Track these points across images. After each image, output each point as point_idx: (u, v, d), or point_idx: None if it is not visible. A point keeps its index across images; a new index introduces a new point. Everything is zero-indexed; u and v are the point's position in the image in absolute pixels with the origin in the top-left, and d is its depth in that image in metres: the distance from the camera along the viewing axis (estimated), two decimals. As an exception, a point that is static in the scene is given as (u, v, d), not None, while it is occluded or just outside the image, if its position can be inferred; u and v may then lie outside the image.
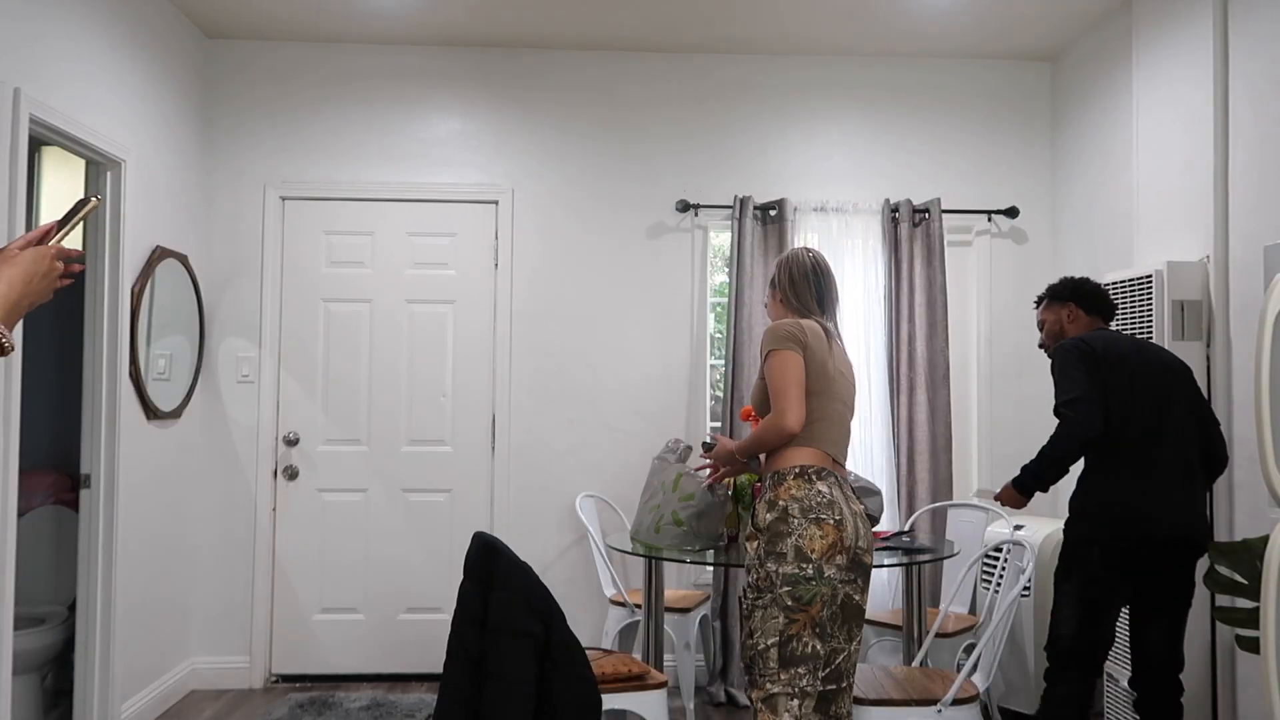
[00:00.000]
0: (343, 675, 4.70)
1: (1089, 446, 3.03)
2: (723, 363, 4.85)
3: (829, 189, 4.84)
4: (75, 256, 1.58)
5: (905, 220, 4.71)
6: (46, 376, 4.49)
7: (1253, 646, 2.87)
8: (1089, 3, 4.27)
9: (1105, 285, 3.98)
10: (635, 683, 3.12)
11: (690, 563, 3.43)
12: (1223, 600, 3.35)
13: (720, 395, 4.85)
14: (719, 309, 4.96)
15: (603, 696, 2.66)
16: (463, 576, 2.56)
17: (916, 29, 4.56)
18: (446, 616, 4.55)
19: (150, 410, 4.11)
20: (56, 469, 4.42)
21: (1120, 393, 3.02)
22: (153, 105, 4.18)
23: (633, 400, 4.78)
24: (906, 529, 4.33)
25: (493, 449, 4.77)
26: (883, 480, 4.59)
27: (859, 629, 2.62)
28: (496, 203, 4.81)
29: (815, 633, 2.52)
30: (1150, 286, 3.68)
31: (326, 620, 4.71)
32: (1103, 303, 3.31)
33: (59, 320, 4.49)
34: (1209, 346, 3.62)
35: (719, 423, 4.84)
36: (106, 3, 3.77)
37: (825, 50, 4.85)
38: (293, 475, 4.72)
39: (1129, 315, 3.80)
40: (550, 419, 4.78)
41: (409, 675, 4.71)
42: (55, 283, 1.54)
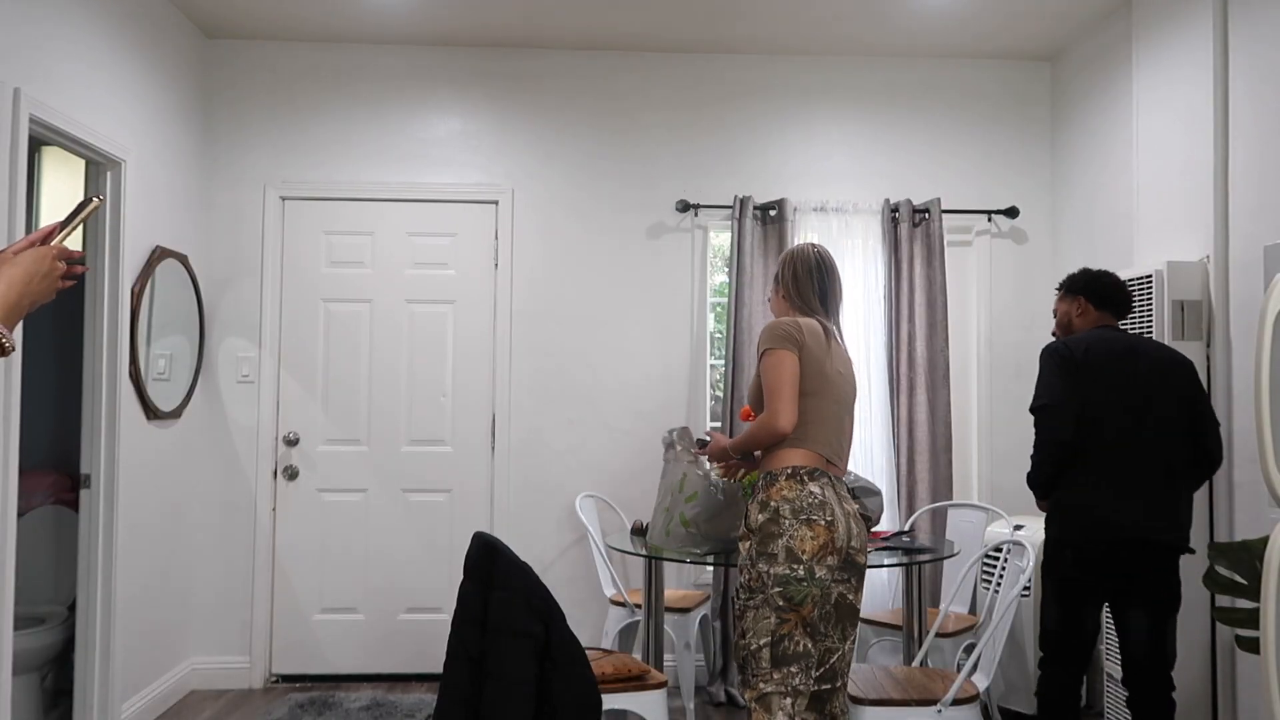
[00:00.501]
0: (343, 675, 4.70)
1: (1062, 450, 3.10)
2: (723, 363, 4.85)
3: (829, 189, 4.84)
4: (77, 257, 1.59)
5: (905, 220, 4.71)
6: (46, 376, 4.49)
7: (1253, 646, 2.87)
8: (1089, 3, 4.27)
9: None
10: (635, 683, 3.12)
11: (690, 563, 3.43)
12: (1223, 600, 3.35)
13: (720, 395, 4.85)
14: (719, 309, 4.96)
15: (603, 696, 2.66)
16: (463, 576, 2.56)
17: (916, 29, 4.56)
18: (446, 616, 4.55)
19: (150, 410, 4.11)
20: (56, 469, 4.42)
21: (1095, 398, 3.08)
22: (153, 105, 4.18)
23: (633, 400, 4.78)
24: (906, 529, 4.33)
25: (492, 449, 4.77)
26: (883, 480, 4.59)
27: (853, 628, 2.63)
28: (496, 203, 4.81)
29: (806, 632, 2.52)
30: (1150, 286, 3.68)
31: (326, 620, 4.71)
32: (1116, 297, 3.30)
33: (59, 320, 4.49)
34: (1209, 346, 3.62)
35: (719, 422, 4.84)
36: (106, 3, 3.77)
37: (825, 50, 4.85)
38: (293, 475, 4.72)
39: (1129, 315, 3.80)
40: (550, 419, 4.78)
41: (409, 675, 4.72)
42: (56, 283, 1.54)
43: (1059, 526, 3.15)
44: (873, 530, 3.69)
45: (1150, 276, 3.68)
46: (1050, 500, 3.20)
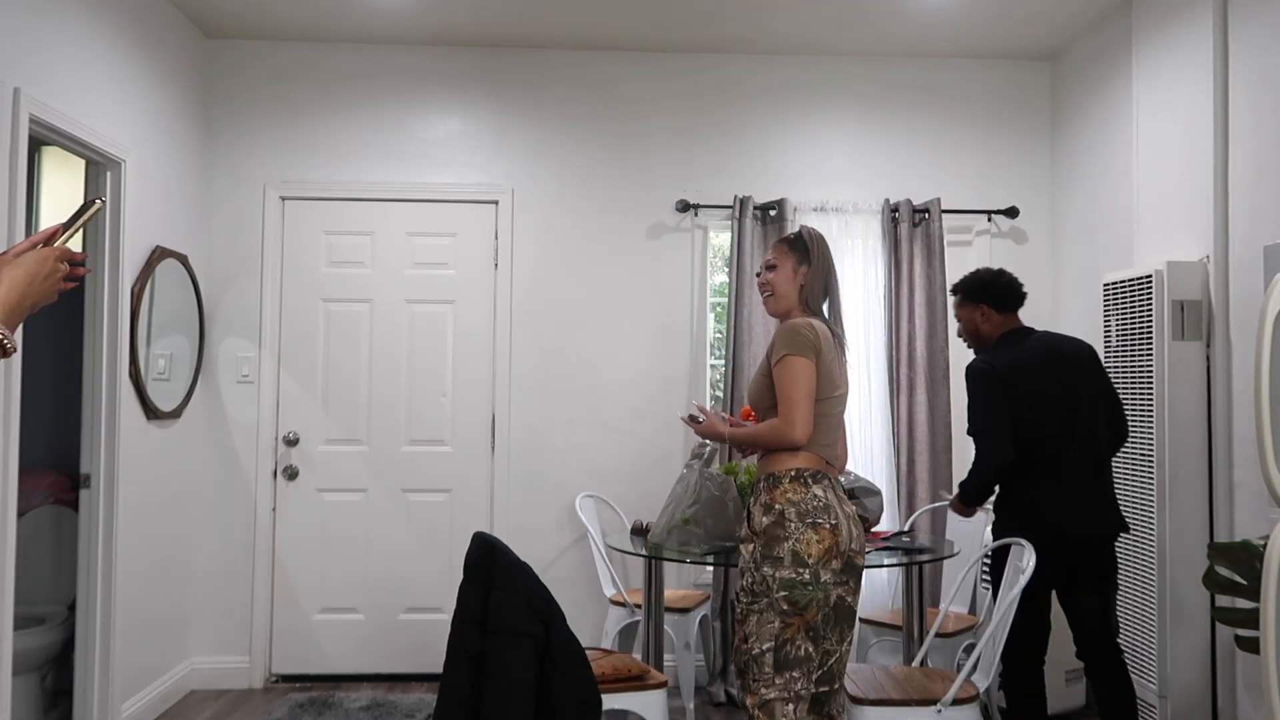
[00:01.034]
0: (343, 675, 4.70)
1: (1004, 473, 3.31)
2: (723, 363, 4.85)
3: (829, 189, 4.83)
4: (79, 259, 1.59)
5: (905, 220, 4.71)
6: (46, 376, 4.48)
7: (1252, 647, 2.87)
8: (1089, 3, 4.27)
9: (1105, 285, 3.98)
10: (635, 683, 3.12)
11: (690, 563, 3.42)
12: (1223, 600, 3.35)
13: (720, 395, 4.85)
14: (719, 309, 4.96)
15: (603, 696, 2.66)
16: (463, 576, 2.56)
17: (916, 29, 4.56)
18: (446, 616, 4.53)
19: (150, 410, 4.11)
20: (56, 469, 4.41)
21: (1029, 413, 3.27)
22: (153, 105, 4.18)
23: (633, 400, 4.78)
24: (906, 529, 4.33)
25: (492, 449, 4.77)
26: (883, 480, 4.59)
27: (850, 629, 2.62)
28: (496, 203, 4.81)
29: (809, 636, 2.51)
30: (1150, 286, 3.68)
31: (326, 620, 4.71)
32: (1015, 297, 3.48)
33: (59, 320, 4.49)
34: (1209, 346, 3.62)
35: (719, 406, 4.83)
36: (106, 3, 3.77)
37: (825, 50, 4.85)
38: (293, 475, 4.72)
39: (1129, 315, 3.80)
40: (550, 419, 4.78)
41: (409, 675, 4.71)
42: (58, 284, 1.54)
43: (1012, 530, 3.30)
44: (873, 530, 3.69)
45: (1150, 276, 3.68)
46: (997, 506, 3.41)
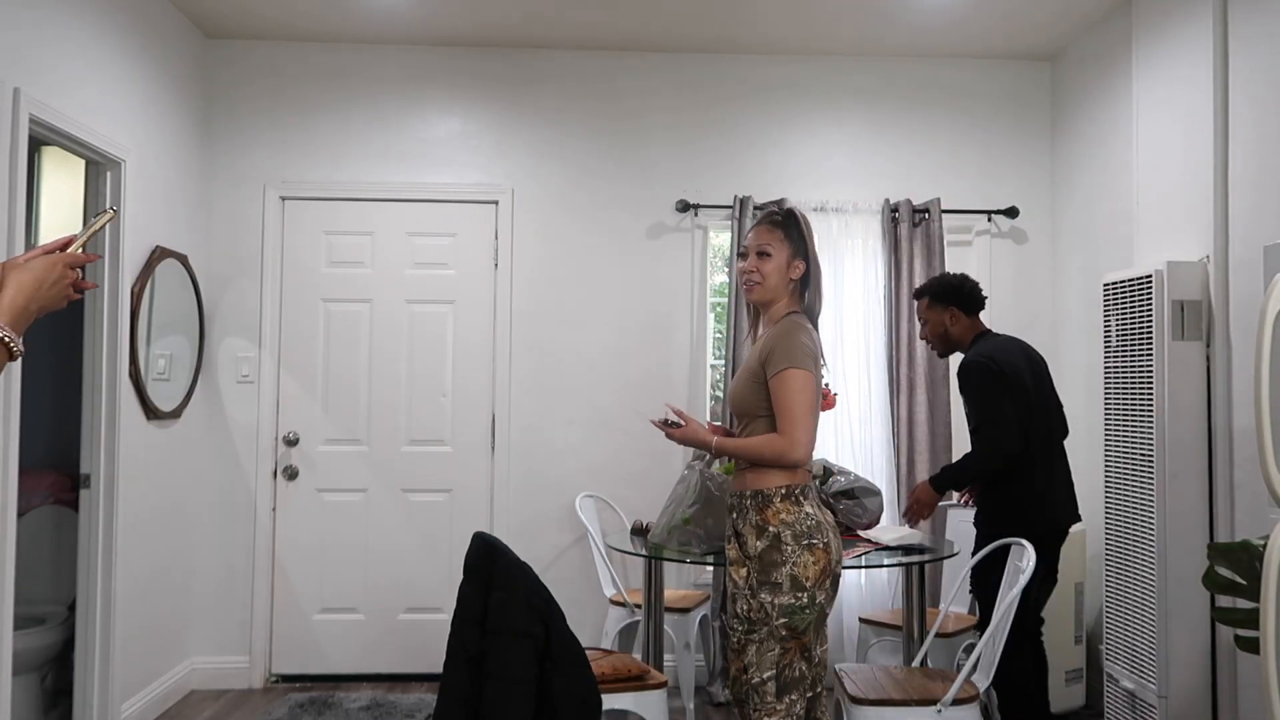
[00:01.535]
0: (343, 675, 4.70)
1: (1010, 461, 3.48)
2: (722, 363, 4.85)
3: (829, 189, 4.83)
4: (90, 260, 1.61)
5: (905, 220, 4.71)
6: (46, 376, 4.48)
7: (1253, 646, 2.87)
8: (1089, 3, 4.27)
9: (1105, 285, 3.98)
10: (635, 683, 3.12)
11: (690, 563, 3.42)
12: (1223, 600, 3.35)
13: (720, 395, 4.84)
14: (719, 309, 4.96)
15: (603, 696, 2.66)
16: (463, 576, 2.56)
17: (916, 29, 4.56)
18: (446, 616, 4.52)
19: (150, 410, 4.11)
20: (56, 469, 4.41)
21: (1027, 409, 3.50)
22: (152, 105, 4.18)
23: (633, 400, 4.78)
24: (925, 543, 4.32)
25: (492, 449, 4.77)
26: (883, 480, 4.58)
27: (825, 630, 2.57)
28: (496, 203, 4.81)
29: (804, 656, 2.47)
30: (1150, 286, 3.67)
31: (326, 620, 4.71)
32: (979, 302, 3.73)
33: (59, 320, 4.47)
34: (1209, 346, 3.62)
35: (719, 422, 4.83)
36: (106, 3, 3.77)
37: (826, 50, 4.85)
38: (293, 475, 4.72)
39: (1129, 315, 3.80)
40: (550, 419, 4.78)
41: (409, 675, 4.71)
42: (66, 291, 1.57)
43: (1009, 520, 3.45)
44: (870, 537, 3.69)
45: (1150, 276, 3.68)
46: (986, 499, 3.56)
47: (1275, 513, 3.05)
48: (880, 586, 4.61)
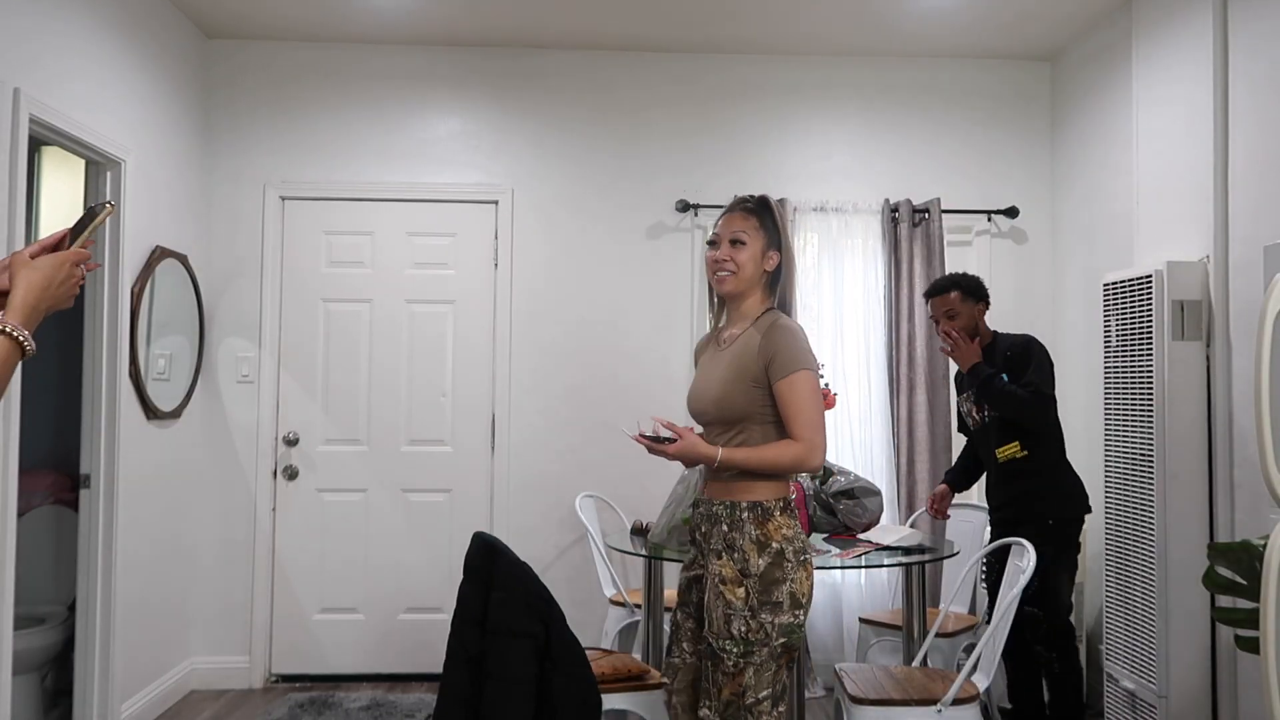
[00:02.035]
0: (342, 675, 4.70)
1: (1051, 425, 3.66)
2: (723, 363, 4.84)
3: (829, 189, 4.83)
4: (88, 257, 1.62)
5: (905, 220, 4.71)
6: (46, 376, 4.48)
7: (1253, 646, 2.87)
8: (1089, 3, 4.27)
9: (1105, 285, 3.98)
10: (635, 683, 3.12)
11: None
12: (1223, 600, 3.35)
13: (720, 395, 4.84)
14: (719, 309, 4.95)
15: (603, 696, 2.66)
16: (462, 576, 2.56)
17: (916, 29, 4.56)
18: (446, 616, 4.52)
19: (150, 410, 4.11)
20: (56, 469, 4.41)
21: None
22: (153, 105, 4.18)
23: (633, 400, 4.77)
24: (925, 543, 4.31)
25: (492, 449, 4.77)
26: (883, 480, 4.58)
27: None
28: (496, 203, 4.81)
29: (789, 667, 2.43)
30: (1150, 286, 3.67)
31: (326, 620, 4.71)
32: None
33: (59, 320, 4.47)
34: (1209, 346, 3.62)
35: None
36: (106, 3, 3.77)
37: (825, 50, 4.84)
38: (292, 475, 4.72)
39: (1129, 315, 3.80)
40: (550, 419, 4.78)
41: (409, 675, 4.71)
42: (74, 289, 1.59)
43: (1077, 502, 3.69)
44: (870, 537, 3.68)
45: (1150, 276, 3.68)
46: (1051, 485, 3.67)
47: (1275, 513, 3.05)
48: (880, 586, 4.60)
